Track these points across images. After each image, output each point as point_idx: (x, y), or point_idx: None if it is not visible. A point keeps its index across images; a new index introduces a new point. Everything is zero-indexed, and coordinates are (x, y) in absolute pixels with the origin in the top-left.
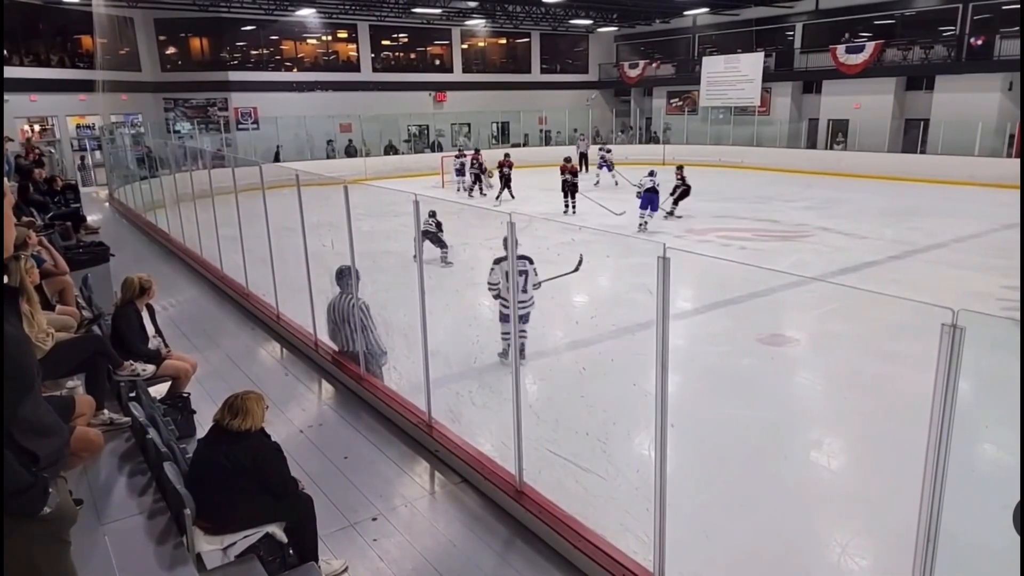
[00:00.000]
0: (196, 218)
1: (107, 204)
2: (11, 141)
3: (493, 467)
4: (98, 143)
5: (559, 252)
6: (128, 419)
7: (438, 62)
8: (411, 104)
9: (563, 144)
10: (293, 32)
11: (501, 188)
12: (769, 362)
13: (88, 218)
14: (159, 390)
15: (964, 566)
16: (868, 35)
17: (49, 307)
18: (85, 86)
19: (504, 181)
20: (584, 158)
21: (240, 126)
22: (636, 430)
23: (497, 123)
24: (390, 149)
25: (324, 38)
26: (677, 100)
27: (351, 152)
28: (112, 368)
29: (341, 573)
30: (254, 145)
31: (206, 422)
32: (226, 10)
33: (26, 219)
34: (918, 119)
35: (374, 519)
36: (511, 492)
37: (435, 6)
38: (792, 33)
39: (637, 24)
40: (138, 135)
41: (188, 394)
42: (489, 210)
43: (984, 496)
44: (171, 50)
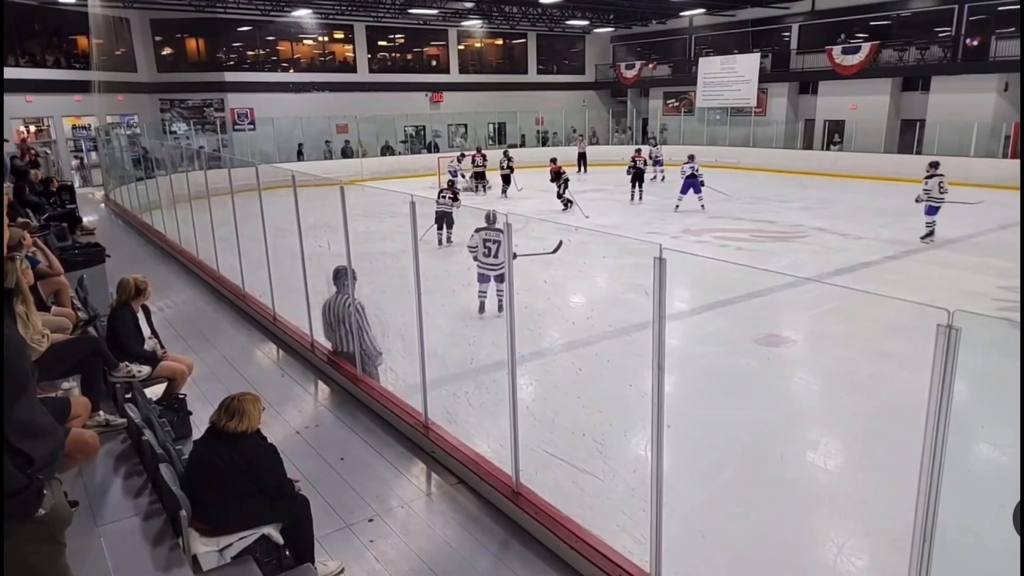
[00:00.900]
0: (192, 219)
1: (103, 205)
2: (7, 142)
3: (490, 468)
4: (94, 144)
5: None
6: (124, 420)
7: (435, 63)
8: (408, 105)
9: (560, 145)
10: (289, 33)
11: (636, 187)
12: (766, 362)
13: (84, 219)
14: (155, 391)
15: (960, 565)
16: (864, 36)
17: (44, 308)
18: (81, 87)
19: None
20: (582, 158)
21: (236, 127)
22: (633, 431)
23: (494, 124)
24: (387, 150)
25: (320, 39)
26: (673, 101)
27: (348, 153)
28: (108, 369)
29: (337, 574)
30: (256, 146)
31: (202, 423)
32: (222, 11)
33: (21, 220)
34: (914, 120)
35: (370, 520)
36: (508, 493)
37: (431, 7)
38: (788, 34)
39: (633, 25)
40: (134, 136)
41: (184, 395)
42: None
43: (980, 496)
44: (167, 51)
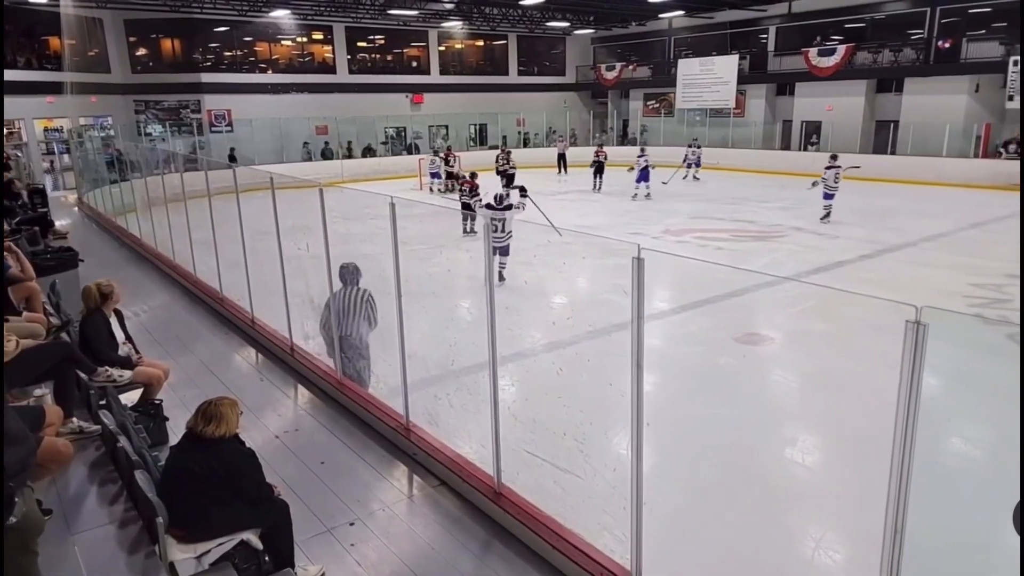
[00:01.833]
0: (168, 222)
1: (76, 208)
2: None
3: (471, 469)
4: (67, 146)
5: (535, 254)
6: (98, 427)
7: (415, 64)
8: (388, 106)
9: (541, 146)
10: (267, 33)
11: (597, 178)
12: (745, 361)
13: (56, 223)
14: (130, 397)
15: (931, 557)
16: (839, 38)
17: (16, 314)
18: (53, 88)
19: (598, 169)
20: (562, 159)
21: (214, 128)
22: (613, 430)
23: (475, 125)
24: (367, 151)
25: (299, 39)
26: (654, 102)
27: (328, 155)
28: (86, 375)
29: None
30: (240, 150)
31: (179, 429)
32: (198, 11)
33: None
34: (888, 121)
35: (351, 524)
36: (489, 494)
37: (411, 7)
38: (766, 36)
39: (613, 27)
40: (108, 138)
41: (160, 401)
42: (469, 213)
43: (950, 489)
44: (142, 51)
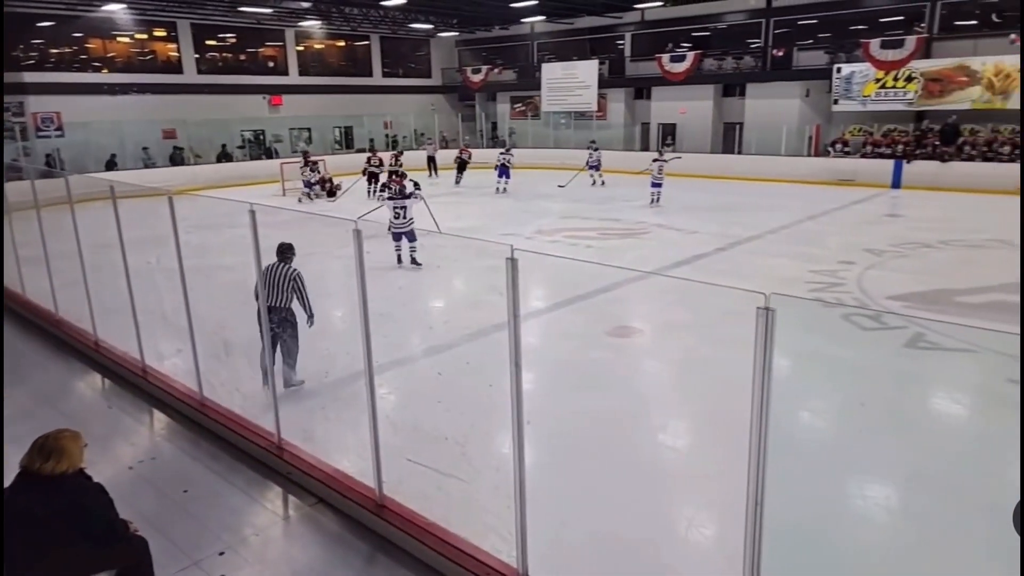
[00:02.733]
0: None
1: None
2: None
3: (351, 483)
4: None
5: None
6: None
7: (272, 64)
8: (244, 108)
9: (410, 148)
10: (101, 30)
11: (459, 174)
12: (617, 353)
13: None
14: None
15: (790, 525)
16: (688, 45)
17: None
18: None
19: (460, 166)
20: (432, 162)
21: (41, 133)
22: (495, 430)
23: (340, 128)
24: (224, 156)
25: (138, 36)
26: (520, 105)
27: (178, 160)
28: None
29: None
30: (75, 158)
31: (12, 469)
32: (19, 4)
33: None
34: (734, 123)
35: (221, 553)
36: (371, 507)
37: (264, 5)
38: (623, 42)
39: (477, 30)
40: None
41: None
42: (338, 219)
43: (804, 460)
44: None
